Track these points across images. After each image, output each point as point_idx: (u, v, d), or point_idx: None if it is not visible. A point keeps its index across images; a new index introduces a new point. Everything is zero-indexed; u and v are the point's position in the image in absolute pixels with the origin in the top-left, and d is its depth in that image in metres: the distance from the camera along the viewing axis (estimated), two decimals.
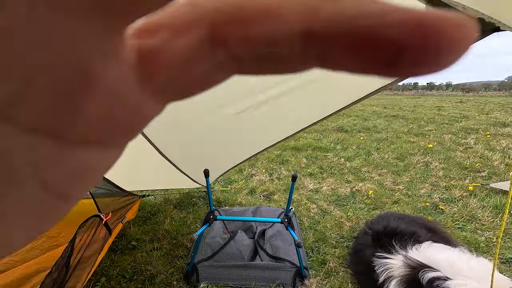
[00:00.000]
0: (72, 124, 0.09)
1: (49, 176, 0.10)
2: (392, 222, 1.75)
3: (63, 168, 0.10)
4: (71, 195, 0.12)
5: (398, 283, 1.27)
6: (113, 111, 0.10)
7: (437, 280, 1.13)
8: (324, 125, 7.07)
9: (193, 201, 2.88)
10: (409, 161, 4.00)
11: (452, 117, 8.25)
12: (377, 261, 1.44)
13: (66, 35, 0.07)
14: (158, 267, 1.82)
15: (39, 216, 0.11)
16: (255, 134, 1.86)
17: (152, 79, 0.10)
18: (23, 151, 0.09)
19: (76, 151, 0.10)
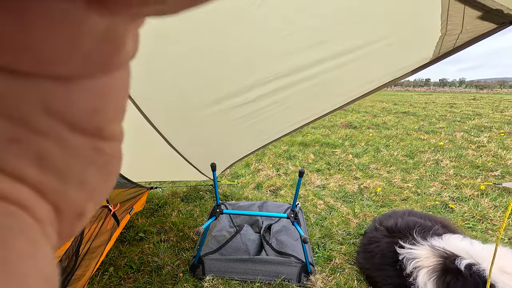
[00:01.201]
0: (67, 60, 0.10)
1: (69, 115, 0.11)
2: (405, 217, 1.75)
3: (77, 105, 0.11)
4: (104, 129, 0.13)
5: (430, 272, 1.29)
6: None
7: (473, 265, 1.19)
8: (332, 121, 7.01)
9: (200, 194, 2.90)
10: (419, 159, 3.93)
11: (465, 115, 8.06)
12: (401, 252, 1.44)
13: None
14: (165, 258, 1.85)
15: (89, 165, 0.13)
16: (263, 126, 1.85)
17: None
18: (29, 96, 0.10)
19: (77, 85, 0.11)
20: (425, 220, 1.65)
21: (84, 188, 0.13)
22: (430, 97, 17.53)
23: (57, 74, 0.10)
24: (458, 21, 0.81)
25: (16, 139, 0.10)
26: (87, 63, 0.11)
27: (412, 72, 1.19)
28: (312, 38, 1.07)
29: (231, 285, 1.61)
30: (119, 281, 1.66)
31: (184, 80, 1.43)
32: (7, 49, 0.09)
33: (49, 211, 0.12)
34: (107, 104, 0.12)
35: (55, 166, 0.11)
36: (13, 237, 0.10)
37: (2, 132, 0.10)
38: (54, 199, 0.12)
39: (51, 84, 0.10)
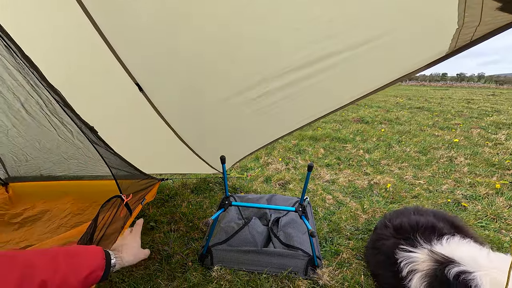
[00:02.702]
0: None
1: None
2: (413, 215, 1.73)
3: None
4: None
5: (423, 276, 1.28)
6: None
7: (462, 274, 1.15)
8: (344, 116, 6.91)
9: (210, 186, 2.94)
10: (432, 156, 3.85)
11: (483, 111, 7.80)
12: (401, 254, 1.43)
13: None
14: (175, 248, 1.90)
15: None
16: (272, 121, 1.85)
17: None
18: None
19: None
20: (437, 219, 1.62)
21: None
22: (446, 92, 17.00)
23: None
24: (476, 12, 0.78)
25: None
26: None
27: (426, 66, 1.16)
28: (325, 31, 1.06)
29: (239, 275, 1.64)
30: (130, 267, 1.72)
31: (195, 74, 1.44)
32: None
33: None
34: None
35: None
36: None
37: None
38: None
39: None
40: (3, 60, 1.35)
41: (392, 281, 1.44)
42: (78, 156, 2.15)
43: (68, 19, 1.23)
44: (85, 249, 0.89)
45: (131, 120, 1.90)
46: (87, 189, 2.33)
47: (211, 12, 1.05)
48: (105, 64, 1.42)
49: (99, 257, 0.90)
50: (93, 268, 0.84)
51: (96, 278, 0.86)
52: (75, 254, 0.82)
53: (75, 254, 0.82)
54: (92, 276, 0.84)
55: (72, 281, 0.76)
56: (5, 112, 1.82)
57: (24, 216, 2.11)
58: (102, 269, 0.88)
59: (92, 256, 0.88)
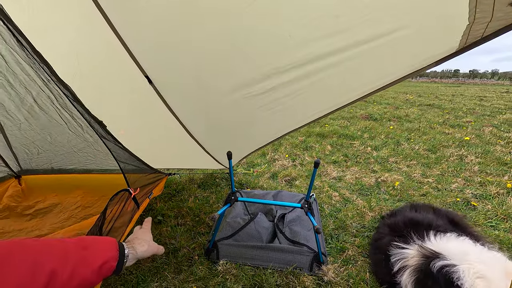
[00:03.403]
0: None
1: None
2: (410, 213, 1.73)
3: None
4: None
5: (412, 272, 1.29)
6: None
7: (446, 267, 1.16)
8: (352, 112, 6.84)
9: (216, 181, 2.96)
10: (441, 154, 3.79)
11: (496, 108, 7.61)
12: (393, 251, 1.44)
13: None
14: (181, 241, 1.92)
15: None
16: (279, 117, 1.84)
17: None
18: None
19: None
20: (435, 216, 1.62)
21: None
22: (458, 89, 16.65)
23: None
24: (488, 8, 0.76)
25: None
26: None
27: (436, 63, 1.13)
28: (332, 27, 1.05)
29: (244, 270, 1.66)
30: (138, 260, 1.75)
31: (203, 68, 1.44)
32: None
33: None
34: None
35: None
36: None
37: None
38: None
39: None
40: (15, 55, 1.38)
41: (388, 278, 1.46)
42: (87, 150, 2.19)
43: (78, 10, 1.24)
44: (98, 239, 0.88)
45: (139, 114, 1.92)
46: (96, 182, 2.37)
47: (220, 6, 1.05)
48: (116, 57, 1.43)
49: (113, 248, 0.89)
50: (106, 258, 0.83)
51: (110, 268, 0.85)
52: (87, 245, 0.81)
53: (87, 245, 0.81)
54: (106, 267, 0.83)
55: (84, 272, 0.76)
56: (18, 106, 1.86)
57: (36, 208, 2.17)
58: (116, 259, 0.87)
59: (105, 247, 0.87)
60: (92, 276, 0.78)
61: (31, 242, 0.70)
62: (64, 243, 0.77)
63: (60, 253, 0.73)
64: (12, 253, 0.64)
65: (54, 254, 0.71)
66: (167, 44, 1.32)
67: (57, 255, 0.72)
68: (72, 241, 0.80)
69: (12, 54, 1.39)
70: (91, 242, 0.84)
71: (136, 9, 1.14)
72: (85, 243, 0.82)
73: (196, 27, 1.17)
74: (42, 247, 0.71)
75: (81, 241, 0.82)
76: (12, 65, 1.49)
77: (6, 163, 2.34)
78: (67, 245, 0.77)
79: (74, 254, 0.76)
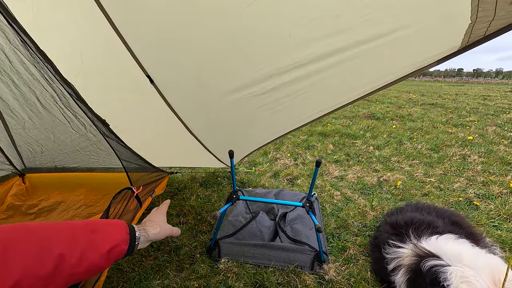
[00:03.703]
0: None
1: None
2: (409, 212, 1.73)
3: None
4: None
5: (405, 271, 1.30)
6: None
7: (435, 267, 1.16)
8: (354, 111, 6.82)
9: (218, 180, 2.97)
10: (444, 153, 3.77)
11: (499, 108, 7.56)
12: (389, 250, 1.45)
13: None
14: (183, 240, 1.93)
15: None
16: (280, 116, 1.85)
17: None
18: None
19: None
20: (436, 216, 1.62)
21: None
22: (461, 88, 16.54)
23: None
24: (490, 7, 0.76)
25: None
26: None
27: (438, 62, 1.13)
28: (332, 27, 1.05)
29: (245, 268, 1.67)
30: (140, 258, 1.77)
31: (204, 67, 1.45)
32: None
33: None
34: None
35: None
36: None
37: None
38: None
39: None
40: (19, 55, 1.39)
41: (385, 276, 1.47)
42: (90, 148, 2.21)
43: (80, 9, 1.25)
44: (107, 222, 0.86)
45: (142, 113, 1.93)
46: (99, 181, 2.39)
47: (220, 6, 1.06)
48: (118, 56, 1.44)
49: (123, 231, 0.86)
50: (116, 242, 0.81)
51: (121, 252, 0.83)
52: (95, 229, 0.79)
53: (96, 229, 0.79)
54: (116, 250, 0.81)
55: (92, 256, 0.74)
56: (22, 105, 1.88)
57: (39, 207, 2.20)
58: (127, 243, 0.85)
59: (115, 230, 0.84)
60: (100, 260, 0.76)
61: (37, 226, 0.69)
62: (72, 226, 0.75)
63: (67, 236, 0.71)
64: (17, 238, 0.63)
65: (62, 238, 0.70)
66: (168, 44, 1.33)
67: (65, 239, 0.70)
68: (80, 225, 0.78)
69: (16, 53, 1.40)
70: (100, 225, 0.82)
71: (136, 8, 1.15)
72: (93, 226, 0.79)
73: (196, 27, 1.17)
74: (49, 230, 0.69)
75: (89, 225, 0.79)
76: (16, 65, 1.51)
77: (10, 161, 2.36)
78: (75, 229, 0.75)
79: (82, 238, 0.74)
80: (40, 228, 0.68)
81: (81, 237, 0.74)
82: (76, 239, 0.72)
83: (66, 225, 0.75)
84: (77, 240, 0.72)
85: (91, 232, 0.77)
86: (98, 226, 0.80)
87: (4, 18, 1.04)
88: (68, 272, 0.68)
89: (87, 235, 0.75)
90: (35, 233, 0.66)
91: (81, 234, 0.74)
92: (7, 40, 1.28)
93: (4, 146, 2.26)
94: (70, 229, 0.74)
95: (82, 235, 0.74)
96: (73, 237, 0.72)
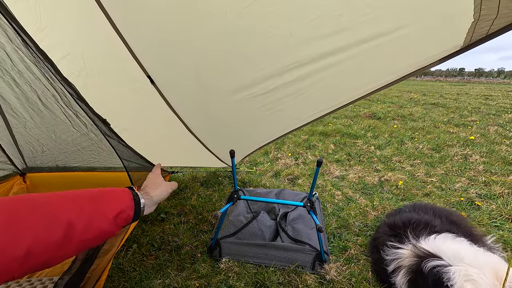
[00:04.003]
0: None
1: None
2: (408, 212, 1.74)
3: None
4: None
5: (406, 272, 1.29)
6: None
7: (437, 267, 1.16)
8: (355, 111, 6.81)
9: (219, 180, 2.97)
10: (446, 153, 3.76)
11: (501, 108, 7.53)
12: (389, 251, 1.44)
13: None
14: (184, 239, 1.94)
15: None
16: (281, 116, 1.84)
17: None
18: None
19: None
20: (434, 216, 1.61)
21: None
22: (463, 88, 16.49)
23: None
24: (494, 5, 0.75)
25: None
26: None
27: (440, 61, 1.12)
28: (334, 26, 1.04)
29: (246, 268, 1.67)
30: (141, 257, 1.77)
31: (205, 68, 1.44)
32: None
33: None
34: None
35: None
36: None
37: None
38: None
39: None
40: (20, 54, 1.39)
41: (385, 277, 1.46)
42: (91, 148, 2.21)
43: (81, 9, 1.25)
44: (108, 191, 0.85)
45: (142, 113, 1.93)
46: (100, 180, 2.39)
47: (219, 6, 1.05)
48: (118, 56, 1.44)
49: (125, 197, 0.86)
50: (121, 208, 0.81)
51: (127, 218, 0.83)
52: (99, 197, 0.80)
53: (99, 197, 0.80)
54: (122, 216, 0.81)
55: (100, 222, 0.74)
56: (23, 104, 1.88)
57: None
58: (132, 208, 0.85)
59: (117, 197, 0.84)
60: (109, 226, 0.77)
61: (41, 196, 0.69)
62: (76, 195, 0.76)
63: (73, 204, 0.72)
64: (22, 208, 0.62)
65: (68, 206, 0.70)
66: (168, 44, 1.33)
67: (71, 207, 0.70)
68: (84, 194, 0.78)
69: (17, 52, 1.40)
70: (102, 193, 0.82)
71: (136, 8, 1.14)
72: (95, 196, 0.80)
73: (196, 27, 1.17)
74: (54, 199, 0.70)
75: (91, 195, 0.79)
76: (17, 64, 1.51)
77: (11, 160, 2.37)
78: (79, 197, 0.76)
79: (87, 206, 0.75)
80: (44, 198, 0.68)
81: (86, 205, 0.74)
82: (82, 207, 0.73)
83: (70, 194, 0.75)
84: (83, 208, 0.73)
85: (95, 200, 0.77)
86: (101, 194, 0.81)
87: (4, 18, 1.04)
88: (78, 238, 0.69)
89: (91, 203, 0.76)
90: (40, 203, 0.66)
91: (85, 202, 0.75)
92: (8, 39, 1.28)
93: (6, 145, 2.26)
94: (75, 198, 0.74)
95: (87, 203, 0.75)
96: (78, 205, 0.72)
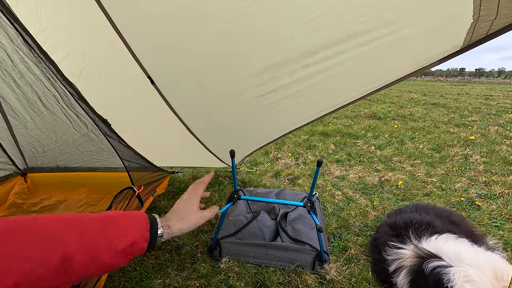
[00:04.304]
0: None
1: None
2: (409, 212, 1.73)
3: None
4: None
5: (407, 272, 1.29)
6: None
7: (438, 268, 1.16)
8: (355, 111, 6.81)
9: (219, 180, 2.97)
10: (446, 153, 3.76)
11: (502, 108, 7.52)
12: (390, 251, 1.44)
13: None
14: (184, 239, 1.94)
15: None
16: (281, 116, 1.85)
17: None
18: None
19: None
20: (435, 217, 1.61)
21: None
22: (463, 88, 16.49)
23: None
24: (493, 5, 0.76)
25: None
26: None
27: (440, 61, 1.12)
28: (334, 26, 1.05)
29: (246, 268, 1.67)
30: (142, 257, 1.77)
31: (205, 71, 1.45)
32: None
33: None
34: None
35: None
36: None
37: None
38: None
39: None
40: (21, 54, 1.40)
41: (385, 277, 1.46)
42: (92, 148, 2.21)
43: (82, 10, 1.25)
44: (125, 215, 0.75)
45: (143, 113, 1.94)
46: (101, 180, 2.40)
47: (219, 6, 1.06)
48: (119, 57, 1.44)
49: (141, 226, 0.75)
50: (133, 240, 0.71)
51: (140, 249, 0.73)
52: (110, 224, 0.70)
53: (110, 224, 0.70)
54: (134, 249, 0.71)
55: (104, 255, 0.65)
56: (24, 105, 1.89)
57: (41, 205, 2.20)
58: (146, 240, 0.74)
59: (133, 226, 0.74)
60: (114, 259, 0.68)
61: (40, 219, 0.62)
62: (82, 221, 0.67)
63: (75, 232, 0.64)
64: (18, 231, 0.57)
65: (68, 234, 0.63)
66: (169, 47, 1.33)
67: (72, 235, 0.63)
68: (93, 219, 0.69)
69: (18, 53, 1.41)
70: (117, 219, 0.73)
71: (136, 9, 1.15)
72: (108, 221, 0.71)
73: (196, 28, 1.17)
74: (54, 226, 0.63)
75: (104, 219, 0.71)
76: (18, 64, 1.51)
77: (12, 161, 2.37)
78: (85, 225, 0.67)
79: (93, 236, 0.66)
80: (43, 221, 0.62)
81: (90, 232, 0.66)
82: (85, 237, 0.65)
83: (75, 220, 0.67)
84: (86, 238, 0.65)
85: (104, 228, 0.68)
86: (114, 220, 0.72)
87: (6, 18, 1.04)
88: (76, 273, 0.62)
89: (98, 230, 0.67)
90: (38, 227, 0.60)
91: (91, 229, 0.66)
92: (9, 39, 1.29)
93: (7, 146, 2.27)
94: (79, 225, 0.66)
95: (92, 230, 0.66)
96: (80, 233, 0.64)
